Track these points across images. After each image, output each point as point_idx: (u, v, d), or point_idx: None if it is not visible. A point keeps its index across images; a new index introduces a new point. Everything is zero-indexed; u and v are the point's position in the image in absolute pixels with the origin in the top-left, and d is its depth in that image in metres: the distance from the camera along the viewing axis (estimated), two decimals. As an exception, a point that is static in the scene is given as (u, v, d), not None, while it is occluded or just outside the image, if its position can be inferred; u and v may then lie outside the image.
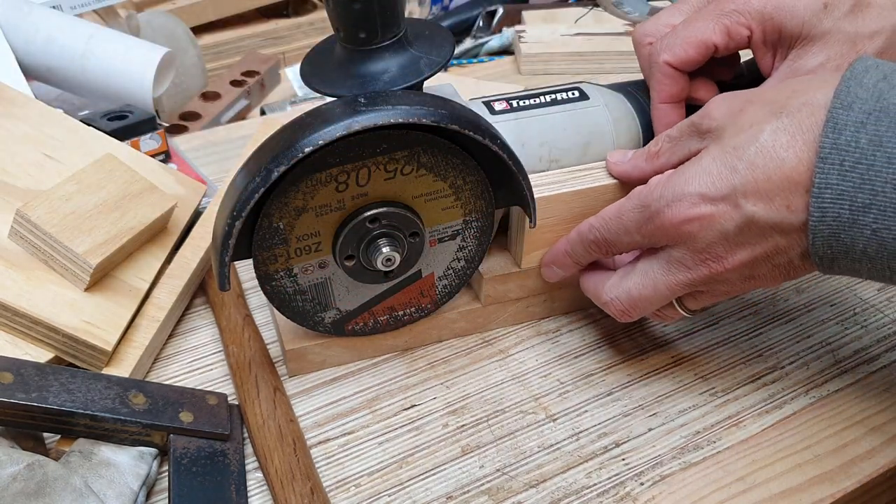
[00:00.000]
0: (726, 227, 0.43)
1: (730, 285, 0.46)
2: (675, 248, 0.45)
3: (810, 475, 0.47)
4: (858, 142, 0.38)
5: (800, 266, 0.43)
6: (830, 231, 0.40)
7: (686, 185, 0.43)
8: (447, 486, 0.47)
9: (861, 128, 0.39)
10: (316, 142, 0.43)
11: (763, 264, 0.44)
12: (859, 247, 0.39)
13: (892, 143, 0.38)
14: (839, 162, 0.39)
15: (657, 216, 0.45)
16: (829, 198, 0.39)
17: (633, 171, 0.51)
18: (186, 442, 0.47)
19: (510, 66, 0.98)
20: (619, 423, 0.51)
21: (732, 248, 0.43)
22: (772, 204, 0.41)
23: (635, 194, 0.47)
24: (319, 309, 0.51)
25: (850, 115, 0.39)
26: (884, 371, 0.54)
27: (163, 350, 0.56)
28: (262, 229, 0.46)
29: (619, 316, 0.50)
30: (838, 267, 0.41)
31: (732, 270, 0.44)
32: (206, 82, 0.97)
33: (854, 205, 0.39)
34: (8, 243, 0.53)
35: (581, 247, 0.51)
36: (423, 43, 0.48)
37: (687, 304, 0.48)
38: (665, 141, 0.48)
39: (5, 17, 0.76)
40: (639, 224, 0.46)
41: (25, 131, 0.61)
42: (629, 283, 0.48)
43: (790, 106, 0.41)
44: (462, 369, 0.55)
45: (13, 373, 0.45)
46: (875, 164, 0.38)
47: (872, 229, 0.39)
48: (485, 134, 0.46)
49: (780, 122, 0.41)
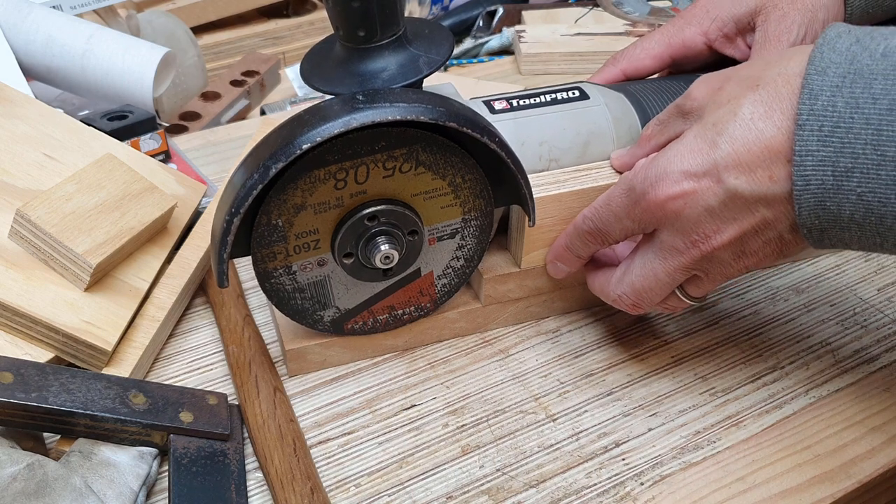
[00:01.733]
0: (710, 203, 0.42)
1: (725, 265, 0.45)
2: (664, 231, 0.45)
3: (810, 475, 0.47)
4: (835, 106, 0.38)
5: (791, 240, 0.43)
6: (816, 200, 0.39)
7: (668, 164, 0.44)
8: (447, 486, 0.47)
9: (837, 91, 0.38)
10: (314, 139, 0.43)
11: (753, 239, 0.43)
12: (846, 213, 0.39)
13: (868, 105, 0.38)
14: (818, 128, 0.38)
15: (643, 197, 0.45)
16: (810, 165, 0.39)
17: (630, 159, 0.51)
18: (186, 442, 0.47)
19: (510, 66, 0.98)
20: (619, 423, 0.51)
21: (719, 224, 0.43)
22: (754, 175, 0.41)
23: (622, 179, 0.47)
24: (319, 307, 0.51)
25: (826, 80, 0.39)
26: (884, 371, 0.54)
27: (163, 350, 0.56)
28: (260, 226, 0.46)
29: (630, 310, 0.50)
30: (828, 238, 0.41)
31: (722, 248, 0.44)
32: (206, 82, 0.97)
33: (837, 170, 0.38)
34: (8, 243, 0.53)
35: (578, 239, 0.51)
36: (422, 42, 0.48)
37: (689, 291, 0.48)
38: (655, 124, 0.49)
39: (5, 17, 0.76)
40: (627, 208, 0.46)
41: (25, 131, 0.61)
42: (631, 276, 0.48)
43: (765, 77, 0.41)
44: (462, 369, 0.55)
45: (13, 373, 0.45)
46: (854, 127, 0.38)
47: (857, 193, 0.38)
48: (483, 132, 0.46)
49: (757, 94, 0.41)
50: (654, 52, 0.59)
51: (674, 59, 0.59)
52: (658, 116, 0.49)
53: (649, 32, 0.61)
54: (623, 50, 0.61)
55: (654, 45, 0.59)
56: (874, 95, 0.38)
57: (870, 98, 0.38)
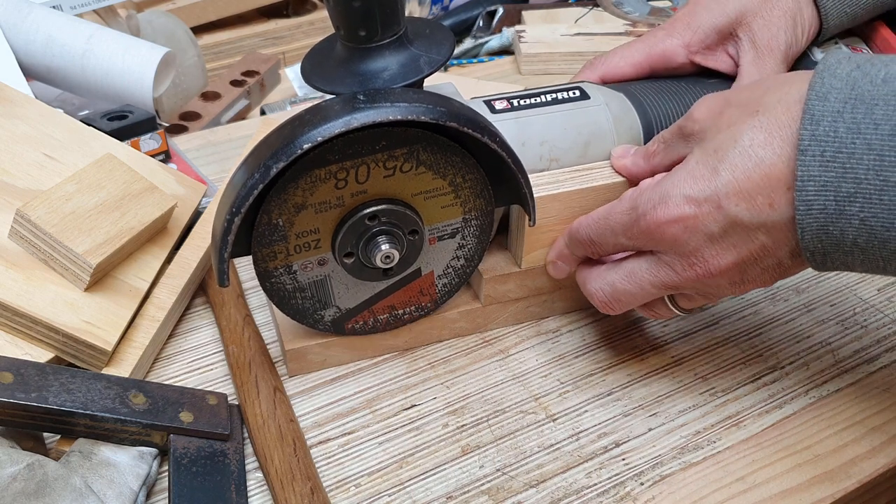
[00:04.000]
0: (711, 229, 0.43)
1: (720, 289, 0.46)
2: (663, 252, 0.45)
3: (810, 475, 0.47)
4: (837, 131, 0.38)
5: (789, 266, 0.43)
6: (818, 224, 0.39)
7: (672, 187, 0.44)
8: (447, 486, 0.47)
9: (838, 117, 0.39)
10: (315, 138, 0.43)
11: (752, 267, 0.43)
12: (849, 238, 0.39)
13: (870, 131, 0.38)
14: (819, 153, 0.39)
15: (643, 218, 0.45)
16: (812, 190, 0.39)
17: (633, 168, 0.51)
18: (186, 442, 0.47)
19: (510, 66, 0.98)
20: (619, 423, 0.51)
21: (719, 251, 0.43)
22: (754, 203, 0.41)
23: (626, 197, 0.47)
24: (319, 307, 0.51)
25: (827, 105, 0.39)
26: (884, 371, 0.54)
27: (163, 350, 0.56)
28: (261, 226, 0.46)
29: (601, 307, 0.50)
30: (831, 262, 0.41)
31: (720, 275, 0.44)
32: (206, 82, 0.97)
33: (839, 195, 0.38)
34: (8, 243, 0.53)
35: (572, 244, 0.51)
36: (423, 41, 0.48)
37: (680, 303, 0.49)
38: (660, 142, 0.49)
39: (5, 17, 0.76)
40: (625, 226, 0.46)
41: (25, 131, 0.61)
42: (615, 276, 0.48)
43: (765, 104, 0.42)
44: (462, 369, 0.55)
45: (13, 373, 0.45)
46: (855, 153, 0.38)
47: (860, 218, 0.38)
48: (484, 132, 0.46)
49: (757, 120, 0.41)
50: (633, 59, 0.59)
51: (653, 68, 0.59)
52: (662, 134, 0.49)
53: (630, 41, 0.61)
54: (603, 55, 0.61)
55: (634, 53, 0.59)
56: (876, 121, 0.38)
57: (871, 123, 0.38)
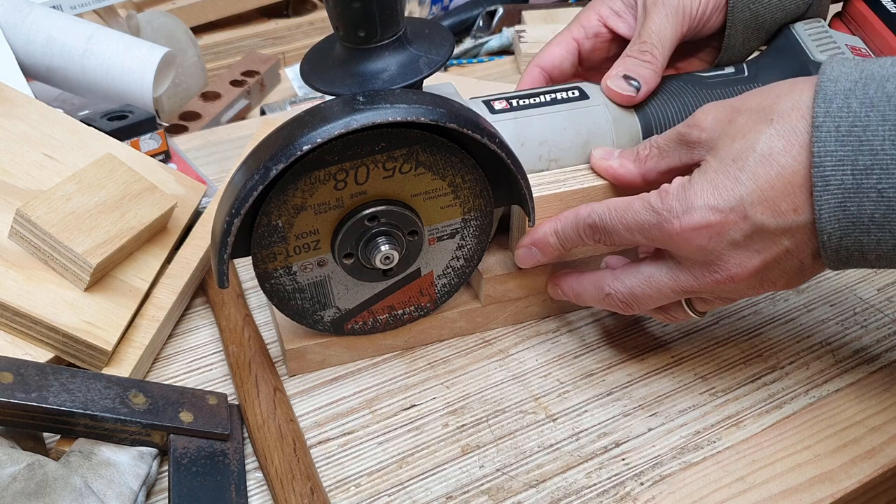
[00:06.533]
0: (735, 237, 0.43)
1: (739, 293, 0.46)
2: (684, 257, 0.45)
3: (810, 475, 0.47)
4: (850, 106, 0.39)
5: (811, 266, 0.44)
6: (836, 201, 0.39)
7: (696, 197, 0.44)
8: (447, 486, 0.47)
9: (850, 94, 0.39)
10: (314, 140, 0.43)
11: (772, 270, 0.44)
12: (867, 213, 0.39)
13: (883, 103, 0.38)
14: (834, 128, 0.39)
15: (666, 223, 0.44)
16: (829, 165, 0.39)
17: (620, 170, 0.51)
18: (186, 442, 0.47)
19: (510, 66, 0.98)
20: (619, 423, 0.51)
21: (743, 257, 0.43)
22: (778, 209, 0.41)
23: (648, 198, 0.46)
24: (319, 307, 0.51)
25: (838, 85, 0.40)
26: (884, 371, 0.54)
27: (163, 350, 0.56)
28: (260, 227, 0.46)
29: (620, 308, 0.50)
30: (847, 244, 0.41)
31: (742, 280, 0.44)
32: (206, 82, 0.97)
33: (856, 168, 0.39)
34: (8, 243, 0.53)
35: (573, 229, 0.49)
36: (422, 42, 0.48)
37: (696, 306, 0.49)
38: (653, 147, 0.49)
39: (5, 17, 0.76)
40: (643, 226, 0.46)
41: (25, 131, 0.61)
42: (633, 280, 0.48)
43: (779, 110, 0.42)
44: (462, 369, 0.55)
45: (13, 373, 0.45)
46: (870, 125, 0.38)
47: (877, 190, 0.39)
48: (483, 132, 0.46)
49: (773, 128, 0.42)
50: (559, 38, 0.60)
51: (576, 40, 0.60)
52: (656, 139, 0.49)
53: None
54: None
55: (559, 35, 0.61)
56: (888, 94, 0.38)
57: (884, 97, 0.38)
